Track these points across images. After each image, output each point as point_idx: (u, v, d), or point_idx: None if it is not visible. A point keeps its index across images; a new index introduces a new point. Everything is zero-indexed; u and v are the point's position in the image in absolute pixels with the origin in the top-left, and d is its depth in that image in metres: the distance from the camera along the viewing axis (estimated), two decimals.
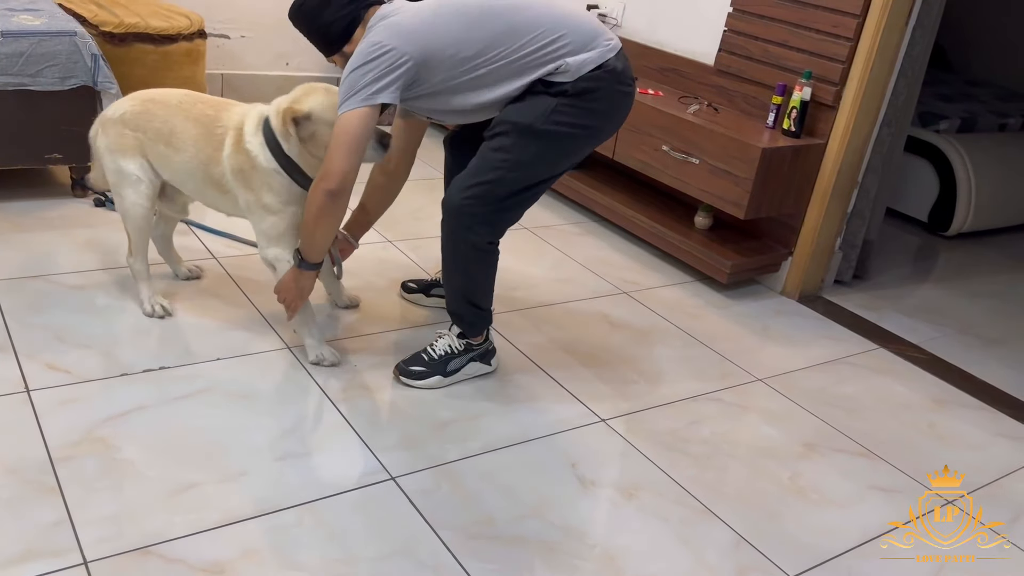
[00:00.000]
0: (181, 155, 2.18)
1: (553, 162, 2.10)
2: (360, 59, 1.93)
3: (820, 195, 3.01)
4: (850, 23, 2.81)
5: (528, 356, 2.47)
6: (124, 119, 2.20)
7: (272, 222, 2.17)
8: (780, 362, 2.67)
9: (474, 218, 2.07)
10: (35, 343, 2.13)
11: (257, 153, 2.12)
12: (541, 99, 2.03)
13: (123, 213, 2.28)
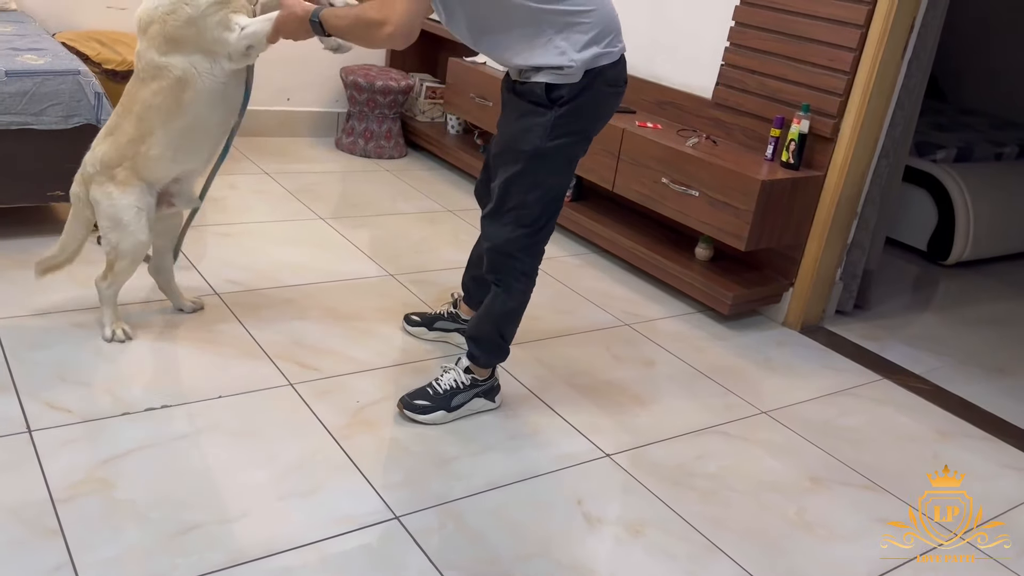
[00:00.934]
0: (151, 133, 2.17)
1: (565, 170, 2.15)
2: None
3: (820, 226, 3.02)
4: (846, 57, 2.84)
5: (531, 390, 2.46)
6: (105, 162, 2.22)
7: (219, 20, 2.11)
8: (784, 394, 2.66)
9: (514, 245, 2.14)
10: (37, 382, 2.12)
11: (160, 2, 2.09)
12: (539, 118, 2.04)
13: (119, 254, 2.28)
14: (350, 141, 4.47)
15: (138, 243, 2.26)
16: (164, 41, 2.12)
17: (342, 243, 3.30)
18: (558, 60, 1.99)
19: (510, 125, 2.12)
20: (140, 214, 2.24)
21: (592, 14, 2.01)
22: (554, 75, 2.01)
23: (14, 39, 2.99)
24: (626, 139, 3.25)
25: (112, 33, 3.73)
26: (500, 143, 2.18)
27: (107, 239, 2.28)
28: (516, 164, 2.09)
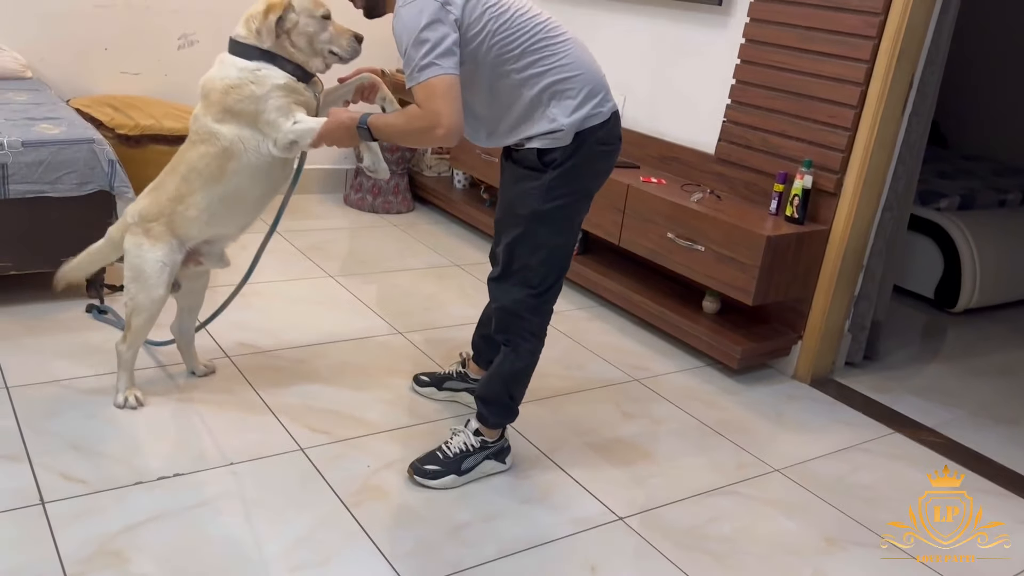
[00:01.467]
0: (192, 194, 2.24)
1: (566, 230, 2.18)
2: (419, 20, 1.91)
3: (826, 279, 3.03)
4: (847, 114, 2.88)
5: (542, 450, 2.46)
6: (144, 216, 2.27)
7: (272, 113, 2.16)
8: (796, 450, 2.65)
9: (521, 306, 2.18)
10: (50, 451, 2.13)
11: (229, 73, 2.16)
12: (535, 181, 2.09)
13: (135, 307, 2.31)
14: (359, 197, 4.52)
15: (155, 298, 2.29)
16: (222, 110, 2.18)
17: (351, 301, 3.33)
18: (549, 127, 2.05)
19: (509, 190, 2.18)
20: (164, 269, 2.28)
21: (578, 79, 2.06)
22: (546, 140, 2.06)
23: (30, 108, 3.06)
24: (631, 194, 3.29)
25: (125, 97, 3.81)
26: (502, 208, 2.23)
27: (128, 290, 2.31)
28: (517, 227, 2.13)
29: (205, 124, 2.21)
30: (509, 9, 2.02)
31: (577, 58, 2.07)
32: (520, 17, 2.02)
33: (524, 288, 2.17)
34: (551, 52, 2.03)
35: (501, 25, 2.00)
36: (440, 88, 1.93)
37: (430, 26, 1.92)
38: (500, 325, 2.24)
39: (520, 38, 2.01)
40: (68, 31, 3.78)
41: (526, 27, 2.02)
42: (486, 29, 1.98)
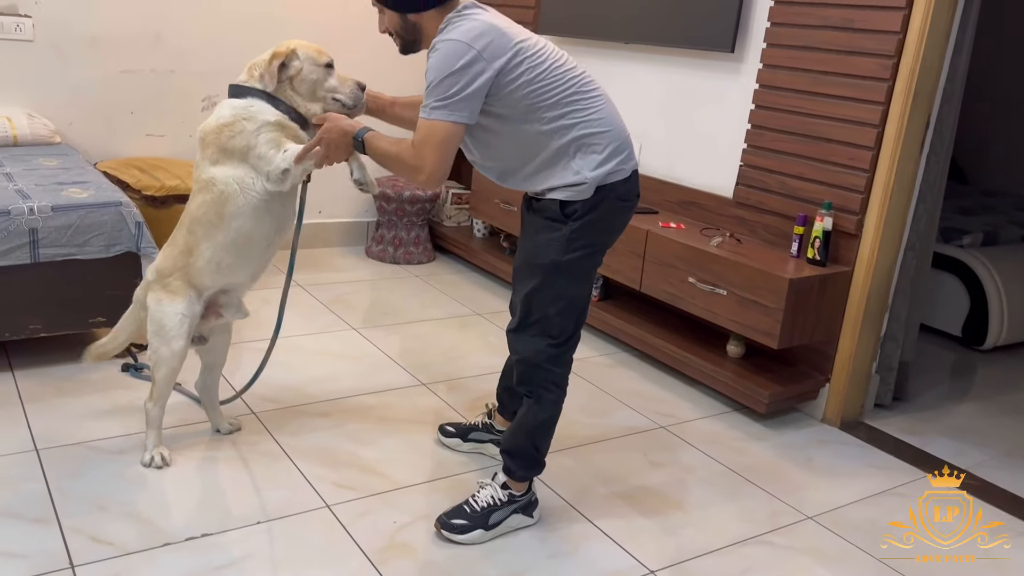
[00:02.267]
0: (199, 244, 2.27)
1: (584, 281, 2.19)
2: (451, 62, 1.96)
3: (851, 321, 3.01)
4: (865, 155, 2.88)
5: (569, 502, 2.44)
6: (160, 272, 2.32)
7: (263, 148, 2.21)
8: (828, 496, 2.60)
9: (541, 356, 2.18)
10: (79, 513, 2.14)
11: (224, 113, 2.22)
12: (555, 232, 2.10)
13: (158, 361, 2.33)
14: (380, 249, 4.56)
15: (176, 350, 2.31)
16: (216, 150, 2.23)
17: (375, 353, 3.34)
18: (572, 179, 2.07)
19: (529, 240, 2.20)
20: (183, 321, 2.30)
21: (606, 135, 2.09)
22: (568, 192, 2.08)
23: (59, 172, 3.13)
24: (651, 240, 3.30)
25: (151, 159, 3.89)
26: (520, 258, 2.24)
27: (151, 344, 2.34)
28: (536, 278, 2.14)
29: (203, 170, 2.27)
30: (547, 60, 2.06)
31: (608, 114, 2.10)
32: (557, 69, 2.06)
33: (544, 339, 2.17)
34: (584, 106, 2.07)
35: (538, 75, 2.03)
36: (439, 135, 1.99)
37: (460, 71, 1.96)
38: (522, 377, 2.24)
39: (555, 89, 2.05)
40: (95, 97, 3.89)
41: (562, 79, 2.06)
42: (523, 78, 2.02)
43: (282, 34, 4.20)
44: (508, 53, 2.00)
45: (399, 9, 2.11)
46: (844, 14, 2.90)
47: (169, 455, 2.41)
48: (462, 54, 1.96)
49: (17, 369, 2.86)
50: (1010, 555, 1.94)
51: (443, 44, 1.99)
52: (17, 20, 3.64)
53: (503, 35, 2.01)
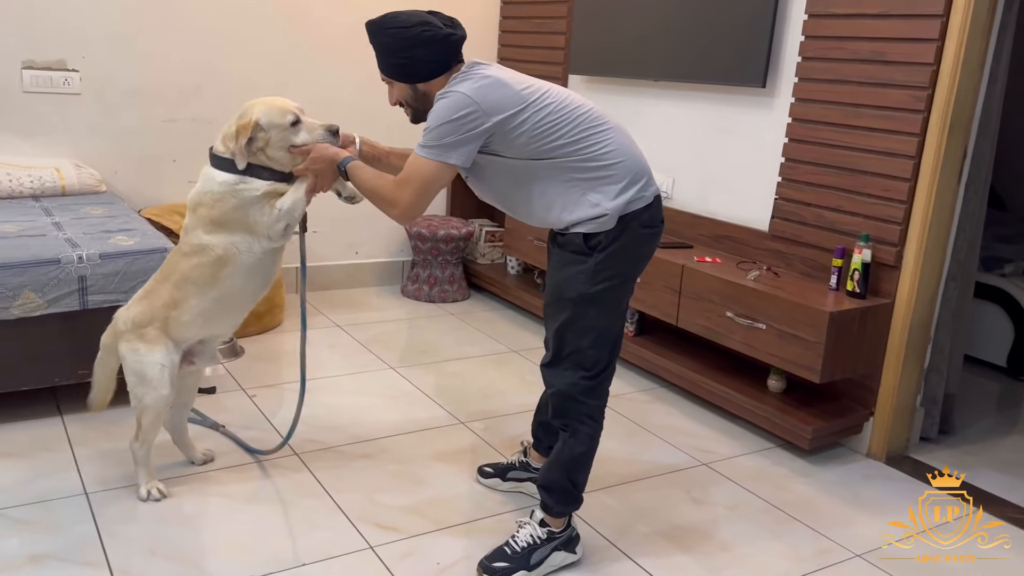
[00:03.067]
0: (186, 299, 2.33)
1: (614, 312, 2.19)
2: (449, 112, 2.03)
3: (894, 354, 2.97)
4: (902, 187, 2.87)
5: (611, 541, 2.42)
6: (136, 322, 2.35)
7: (258, 216, 2.29)
8: (876, 533, 2.55)
9: (576, 389, 2.18)
10: (128, 557, 2.17)
11: (214, 188, 2.28)
12: (581, 265, 2.12)
13: (143, 409, 2.38)
14: (415, 288, 4.61)
15: (161, 397, 2.36)
16: (210, 222, 2.30)
17: (412, 392, 3.36)
18: (593, 212, 2.10)
19: (556, 274, 2.21)
20: (164, 371, 2.35)
21: (620, 165, 2.11)
22: (591, 224, 2.10)
23: (106, 221, 3.22)
24: (686, 274, 3.29)
25: None
26: (549, 293, 2.26)
27: (133, 394, 2.38)
28: (565, 311, 2.16)
29: (197, 237, 2.32)
30: (552, 102, 2.10)
31: (620, 145, 2.13)
32: (563, 109, 2.10)
33: (578, 371, 2.18)
34: (594, 141, 2.09)
35: (543, 119, 2.07)
36: (424, 173, 2.08)
37: (457, 120, 2.03)
38: (557, 410, 2.24)
39: (563, 128, 2.08)
40: (139, 146, 4.00)
41: (569, 118, 2.09)
42: (527, 124, 2.06)
43: (317, 80, 4.34)
44: (511, 106, 2.05)
45: (408, 80, 2.17)
46: (875, 47, 2.91)
47: (164, 487, 2.46)
48: (462, 106, 2.03)
49: (66, 413, 2.92)
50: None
51: (447, 95, 2.06)
52: (65, 74, 3.78)
53: (506, 87, 2.07)
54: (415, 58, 2.12)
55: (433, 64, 2.14)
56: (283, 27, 4.23)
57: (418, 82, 2.16)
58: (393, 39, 2.13)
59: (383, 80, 2.23)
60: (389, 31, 2.13)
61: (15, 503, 2.37)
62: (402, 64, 2.15)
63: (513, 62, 4.78)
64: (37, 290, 2.72)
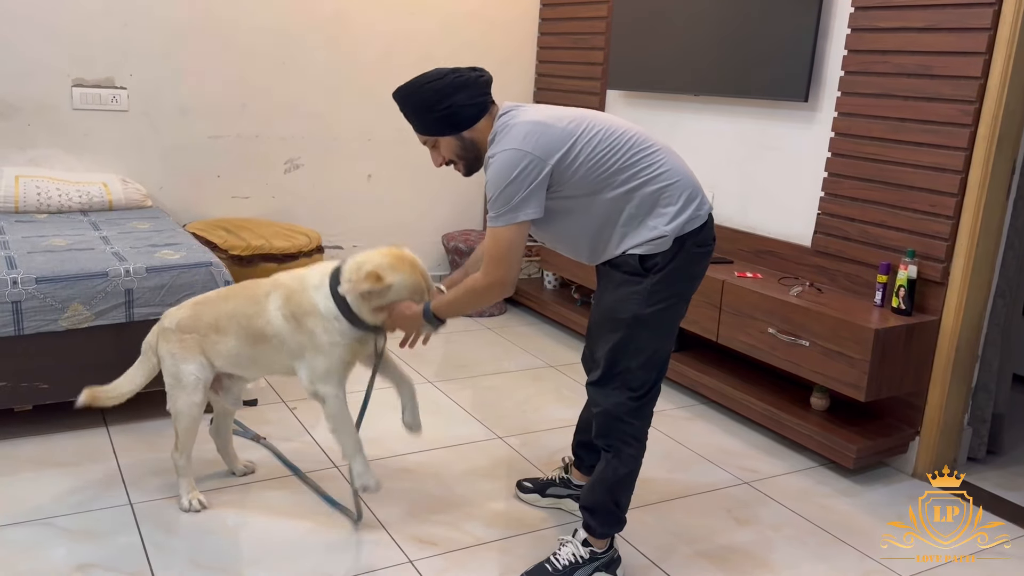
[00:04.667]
0: (229, 333, 2.36)
1: (667, 333, 2.18)
2: (507, 172, 2.02)
3: (940, 372, 2.92)
4: (948, 202, 2.82)
5: (653, 560, 2.39)
6: (180, 326, 2.40)
7: (321, 361, 2.30)
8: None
9: (622, 409, 2.17)
10: (172, 567, 2.20)
11: (319, 302, 2.28)
12: (636, 286, 2.10)
13: (176, 413, 2.42)
14: None
15: (193, 404, 2.40)
16: (291, 314, 2.30)
17: (450, 406, 3.36)
18: (651, 234, 2.08)
19: (609, 295, 2.18)
20: (198, 382, 2.39)
21: (676, 185, 2.10)
22: (648, 246, 2.08)
23: (152, 235, 3.29)
24: (727, 290, 3.27)
25: (237, 220, 4.05)
26: (600, 312, 2.24)
27: (170, 395, 2.43)
28: (618, 332, 2.13)
29: (269, 311, 2.33)
30: (599, 130, 2.09)
31: (673, 165, 2.11)
32: (609, 137, 2.09)
33: (625, 392, 2.16)
34: (647, 164, 2.08)
35: (595, 149, 2.06)
36: (507, 240, 2.07)
37: (519, 178, 2.02)
38: (601, 430, 2.23)
39: (615, 155, 2.07)
40: (185, 162, 4.08)
41: (618, 143, 2.08)
42: (581, 157, 2.05)
43: (357, 101, 4.39)
44: (562, 144, 2.05)
45: (455, 130, 2.14)
46: (921, 61, 2.88)
47: (204, 498, 2.49)
48: (518, 161, 2.02)
49: (111, 424, 2.97)
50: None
51: (498, 156, 2.05)
52: (114, 92, 3.87)
53: (550, 127, 2.06)
54: (456, 104, 2.11)
55: (475, 107, 2.12)
56: (325, 48, 4.30)
57: (464, 130, 2.15)
58: (431, 93, 2.11)
59: (425, 143, 2.21)
60: (425, 87, 2.12)
61: (62, 512, 2.41)
62: (446, 115, 2.12)
63: (552, 78, 4.79)
64: (85, 303, 2.78)
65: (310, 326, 2.28)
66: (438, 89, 2.11)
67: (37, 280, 2.72)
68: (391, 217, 4.66)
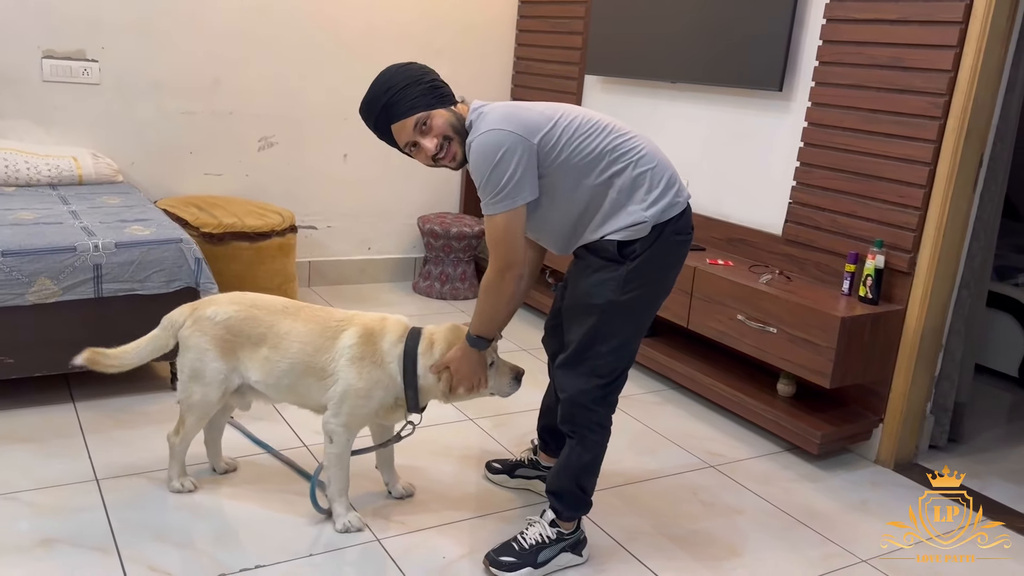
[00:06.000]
0: (287, 352, 2.27)
1: (639, 322, 2.18)
2: (492, 154, 1.99)
3: (905, 360, 2.97)
4: (917, 193, 2.86)
5: (619, 541, 2.42)
6: (229, 324, 2.30)
7: (355, 405, 2.25)
8: (884, 540, 2.54)
9: (588, 396, 2.17)
10: (137, 543, 2.19)
11: (392, 361, 2.23)
12: (612, 272, 2.10)
13: (190, 406, 2.35)
14: (427, 284, 4.62)
15: (208, 401, 2.34)
16: (358, 359, 2.23)
17: None
18: (630, 220, 2.08)
19: (583, 280, 2.18)
20: (222, 384, 2.31)
21: (655, 170, 2.11)
22: (627, 232, 2.09)
23: (122, 211, 3.25)
24: (698, 277, 3.29)
25: (209, 197, 4.01)
26: (573, 297, 2.23)
27: (184, 388, 2.35)
28: (591, 317, 2.14)
29: (345, 343, 2.25)
30: (577, 118, 2.11)
31: (650, 151, 2.13)
32: (588, 123, 2.10)
33: (592, 378, 2.16)
34: (626, 148, 2.09)
35: (574, 133, 2.07)
36: (503, 229, 2.04)
37: (504, 158, 2.00)
38: (566, 416, 2.23)
39: (594, 140, 2.08)
40: (157, 137, 4.03)
41: (596, 129, 2.10)
42: (565, 134, 2.06)
43: (333, 76, 4.35)
44: (542, 124, 2.06)
45: (446, 103, 2.11)
46: (894, 53, 2.91)
47: (196, 481, 2.46)
48: (501, 142, 2.00)
49: (78, 400, 2.94)
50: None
51: (478, 139, 2.03)
52: (85, 64, 3.81)
53: (528, 111, 2.08)
54: (437, 78, 2.12)
55: (449, 87, 2.14)
56: (300, 23, 4.25)
57: (452, 104, 2.14)
58: (409, 74, 2.10)
59: (414, 135, 2.11)
60: (401, 73, 2.10)
61: (27, 487, 2.39)
62: (432, 86, 2.10)
63: (530, 61, 4.79)
64: (52, 277, 2.74)
65: (367, 373, 2.23)
66: (412, 71, 2.11)
67: (3, 253, 2.68)
68: (367, 198, 4.63)
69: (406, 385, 2.23)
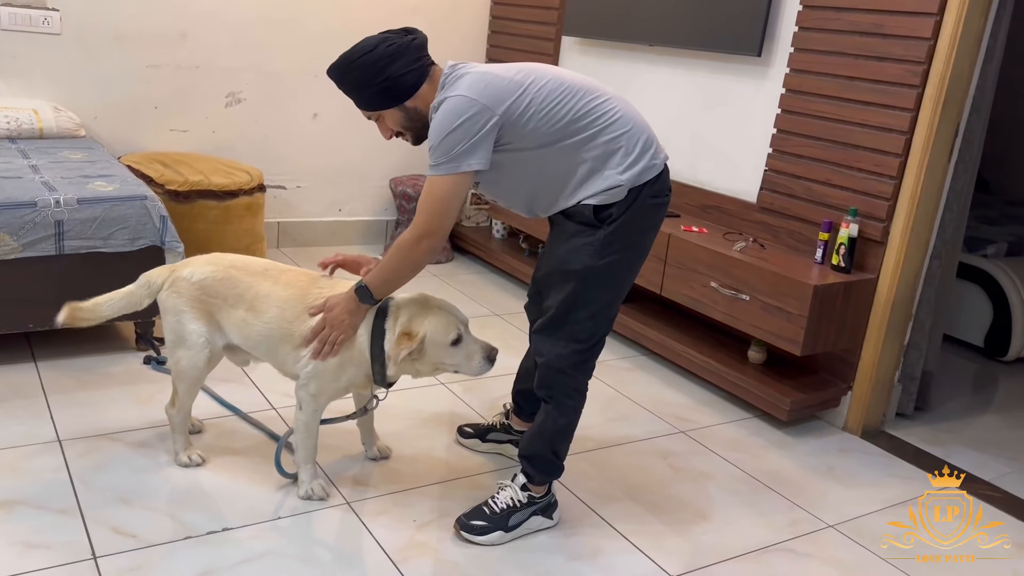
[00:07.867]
0: (262, 316, 2.21)
1: (618, 287, 2.16)
2: (452, 119, 1.95)
3: (875, 329, 2.99)
4: (892, 163, 2.86)
5: (589, 505, 2.42)
6: (204, 284, 2.23)
7: (328, 378, 2.19)
8: (850, 505, 2.58)
9: (566, 362, 2.16)
10: (101, 505, 2.15)
11: (362, 335, 2.15)
12: (589, 237, 2.08)
13: (178, 372, 2.31)
14: None
15: (196, 365, 2.28)
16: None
17: None
18: (606, 184, 2.05)
19: (561, 245, 2.15)
20: (206, 345, 2.26)
21: (630, 133, 2.07)
22: (602, 196, 2.06)
23: (85, 166, 3.15)
24: (672, 243, 3.28)
25: (174, 154, 3.91)
26: (550, 263, 2.21)
27: (172, 353, 2.31)
28: (568, 283, 2.11)
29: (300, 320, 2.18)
30: (549, 82, 2.04)
31: (625, 113, 2.08)
32: (560, 87, 2.04)
33: (571, 343, 2.15)
34: (600, 112, 2.05)
35: (546, 96, 2.02)
36: (441, 193, 2.00)
37: (463, 125, 1.95)
38: (543, 381, 2.22)
39: (566, 106, 2.03)
40: (120, 91, 3.91)
41: (568, 92, 2.04)
42: (532, 107, 2.01)
43: (303, 32, 4.23)
44: (511, 93, 2.00)
45: (397, 101, 2.07)
46: (874, 19, 2.88)
47: (200, 455, 2.40)
48: (464, 108, 1.95)
49: (40, 360, 2.87)
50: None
51: (445, 102, 1.98)
52: (45, 13, 3.67)
53: (498, 77, 2.02)
54: (392, 75, 2.03)
55: (413, 74, 2.05)
56: None
57: (406, 100, 2.07)
58: (364, 68, 2.02)
59: (368, 117, 2.14)
60: (356, 62, 2.03)
61: None
62: (384, 88, 2.04)
63: (507, 20, 4.70)
64: (12, 233, 2.66)
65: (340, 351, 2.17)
66: (371, 63, 2.02)
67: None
68: (337, 158, 4.55)
69: (373, 360, 2.17)
